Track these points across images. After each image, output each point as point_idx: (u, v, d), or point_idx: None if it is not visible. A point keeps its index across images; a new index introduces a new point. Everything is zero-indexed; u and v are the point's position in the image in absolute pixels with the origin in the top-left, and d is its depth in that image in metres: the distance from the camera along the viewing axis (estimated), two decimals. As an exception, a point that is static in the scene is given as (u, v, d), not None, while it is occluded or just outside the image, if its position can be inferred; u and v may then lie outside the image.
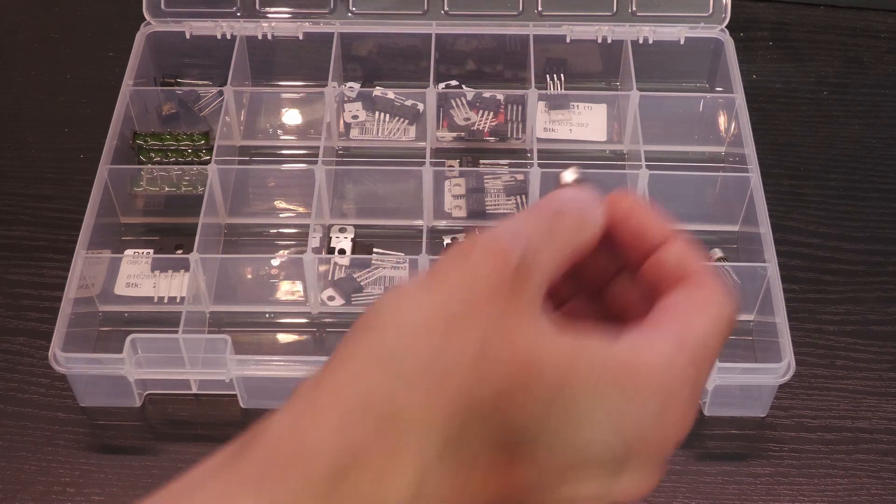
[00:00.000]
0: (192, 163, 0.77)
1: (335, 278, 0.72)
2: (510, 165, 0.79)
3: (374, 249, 0.75)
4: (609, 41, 0.82)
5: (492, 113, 0.81)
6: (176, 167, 0.76)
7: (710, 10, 0.82)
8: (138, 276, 0.73)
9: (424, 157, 0.74)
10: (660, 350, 0.36)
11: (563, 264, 0.36)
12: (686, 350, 0.36)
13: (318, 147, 0.75)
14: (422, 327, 0.34)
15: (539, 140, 0.78)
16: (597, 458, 0.35)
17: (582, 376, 0.34)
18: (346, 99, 0.82)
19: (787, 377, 0.63)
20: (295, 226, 0.76)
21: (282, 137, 0.82)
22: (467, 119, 0.81)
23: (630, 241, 0.39)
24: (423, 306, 0.34)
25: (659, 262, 0.38)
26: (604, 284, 0.40)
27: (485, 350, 0.34)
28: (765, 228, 0.69)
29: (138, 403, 0.68)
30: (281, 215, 0.77)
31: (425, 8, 0.83)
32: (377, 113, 0.82)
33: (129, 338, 0.64)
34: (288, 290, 0.72)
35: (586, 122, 0.81)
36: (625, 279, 0.39)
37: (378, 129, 0.82)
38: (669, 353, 0.36)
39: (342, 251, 0.74)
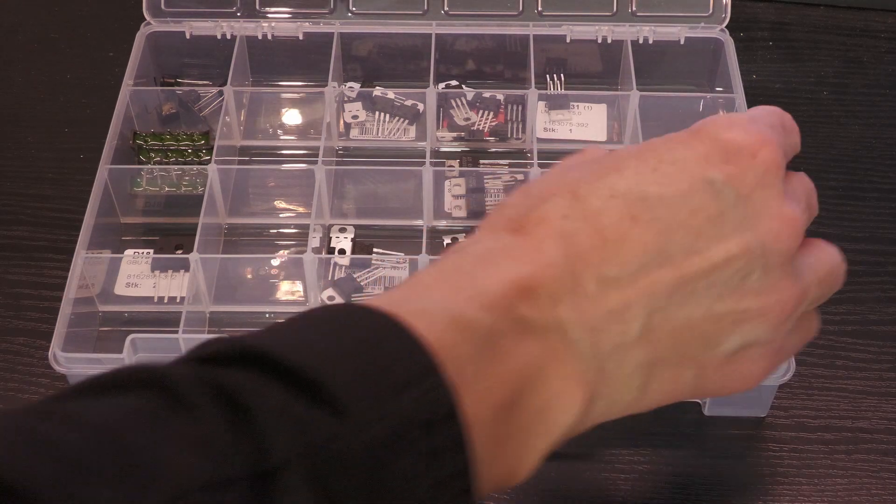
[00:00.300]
0: (192, 163, 0.77)
1: (335, 278, 0.72)
2: (510, 165, 0.79)
3: (374, 249, 0.75)
4: (609, 41, 0.82)
5: (492, 113, 0.81)
6: (176, 167, 0.76)
7: (710, 10, 0.82)
8: (138, 276, 0.73)
9: (424, 157, 0.74)
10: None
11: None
12: (732, 113, 0.48)
13: (318, 147, 0.75)
14: (539, 179, 0.44)
15: (539, 140, 0.79)
16: (705, 197, 0.40)
17: (659, 137, 0.43)
18: (346, 99, 0.82)
19: (787, 377, 0.63)
20: (295, 226, 0.76)
21: (282, 137, 0.82)
22: (467, 119, 0.81)
23: None
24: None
25: None
26: None
27: (589, 167, 0.43)
28: (765, 228, 0.69)
29: (138, 403, 0.68)
30: (281, 215, 0.77)
31: (425, 8, 0.83)
32: (377, 113, 0.82)
33: (129, 338, 0.64)
34: (288, 290, 0.73)
35: (586, 122, 0.81)
36: None
37: (378, 129, 0.82)
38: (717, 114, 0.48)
39: (342, 251, 0.74)
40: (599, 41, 0.82)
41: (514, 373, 0.36)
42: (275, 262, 0.74)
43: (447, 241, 0.75)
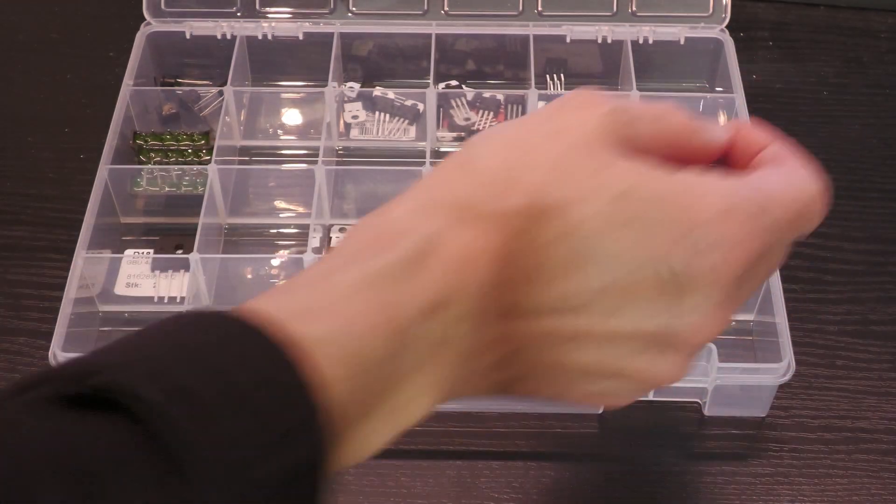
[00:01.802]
0: (192, 163, 0.77)
1: (335, 278, 0.72)
2: (510, 165, 0.79)
3: (375, 249, 0.74)
4: (609, 41, 0.82)
5: (492, 113, 0.81)
6: (176, 167, 0.76)
7: (710, 10, 0.82)
8: (138, 276, 0.73)
9: (424, 157, 0.74)
10: (725, 181, 0.38)
11: (663, 140, 0.40)
12: (750, 188, 0.38)
13: (318, 147, 0.75)
14: (507, 143, 0.38)
15: (539, 140, 0.78)
16: (655, 278, 0.37)
17: (646, 191, 0.36)
18: (346, 99, 0.82)
19: (787, 377, 0.63)
20: (295, 226, 0.76)
21: (282, 137, 0.82)
22: (467, 119, 0.81)
23: (744, 152, 0.42)
24: (511, 130, 0.39)
25: (760, 157, 0.42)
26: None
27: (560, 163, 0.37)
28: (765, 228, 0.69)
29: (138, 403, 0.68)
30: (281, 215, 0.77)
31: (425, 8, 0.83)
32: (377, 113, 0.82)
33: (129, 338, 0.64)
34: (288, 290, 0.72)
35: (586, 122, 0.81)
36: None
37: (378, 129, 0.82)
38: (732, 185, 0.38)
39: (342, 251, 0.74)
40: (599, 41, 0.82)
41: (379, 385, 0.35)
42: (275, 262, 0.73)
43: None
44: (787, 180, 0.40)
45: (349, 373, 0.33)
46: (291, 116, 0.83)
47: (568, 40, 0.82)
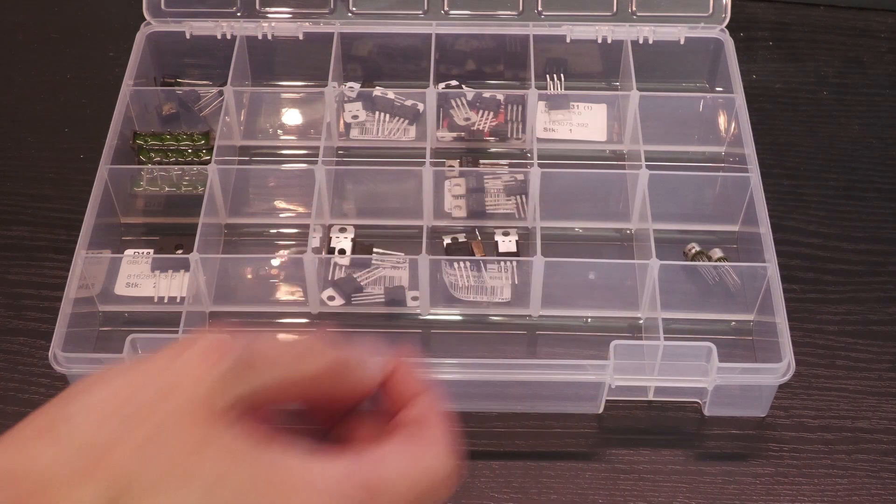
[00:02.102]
0: (192, 163, 0.77)
1: (335, 278, 0.72)
2: (510, 165, 0.79)
3: (375, 249, 0.74)
4: (609, 41, 0.82)
5: (492, 113, 0.81)
6: (176, 167, 0.76)
7: (710, 10, 0.82)
8: (138, 276, 0.73)
9: (424, 157, 0.74)
10: (333, 466, 0.35)
11: (305, 383, 0.36)
12: (359, 477, 0.35)
13: (318, 147, 0.75)
14: (107, 402, 0.34)
15: (539, 140, 0.78)
16: None
17: (240, 478, 0.33)
18: (346, 99, 0.82)
19: (787, 377, 0.63)
20: (295, 226, 0.76)
21: (282, 137, 0.82)
22: (467, 119, 0.81)
23: (399, 394, 0.39)
24: (117, 383, 0.34)
25: (404, 415, 0.38)
26: None
27: (154, 439, 0.33)
28: (765, 228, 0.70)
29: (138, 403, 0.68)
30: (281, 215, 0.77)
31: (425, 8, 0.83)
32: (377, 113, 0.82)
33: (129, 338, 0.64)
34: (288, 290, 0.73)
35: (586, 122, 0.81)
36: None
37: (378, 129, 0.82)
38: (340, 472, 0.35)
39: (342, 251, 0.74)
40: (599, 41, 0.82)
41: None
42: (275, 262, 0.74)
43: (447, 240, 0.75)
44: (411, 461, 0.37)
45: None
46: (291, 116, 0.83)
47: (568, 40, 0.82)
